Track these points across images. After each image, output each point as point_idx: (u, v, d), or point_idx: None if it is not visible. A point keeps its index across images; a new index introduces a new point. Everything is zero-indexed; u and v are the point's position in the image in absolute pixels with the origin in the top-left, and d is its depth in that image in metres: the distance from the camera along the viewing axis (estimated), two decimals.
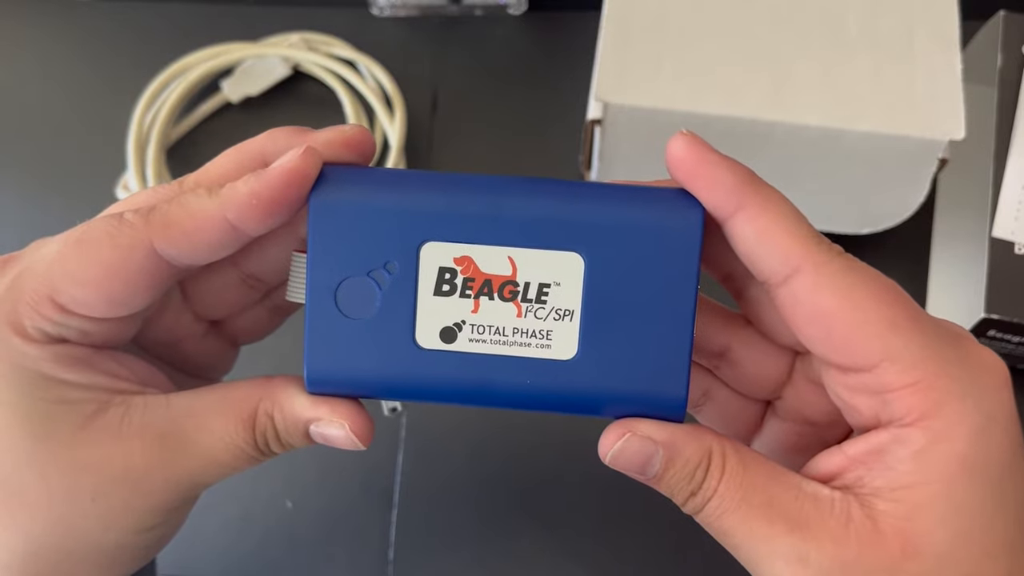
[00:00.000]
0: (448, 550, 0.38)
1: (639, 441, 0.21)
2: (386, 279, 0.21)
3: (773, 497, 0.20)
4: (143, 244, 0.21)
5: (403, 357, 0.22)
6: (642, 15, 0.37)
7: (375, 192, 0.22)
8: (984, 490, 0.19)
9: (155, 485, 0.22)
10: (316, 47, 0.46)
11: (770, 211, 0.20)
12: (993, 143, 0.37)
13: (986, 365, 0.20)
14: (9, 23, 0.49)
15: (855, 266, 0.20)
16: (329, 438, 0.23)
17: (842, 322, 0.20)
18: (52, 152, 0.46)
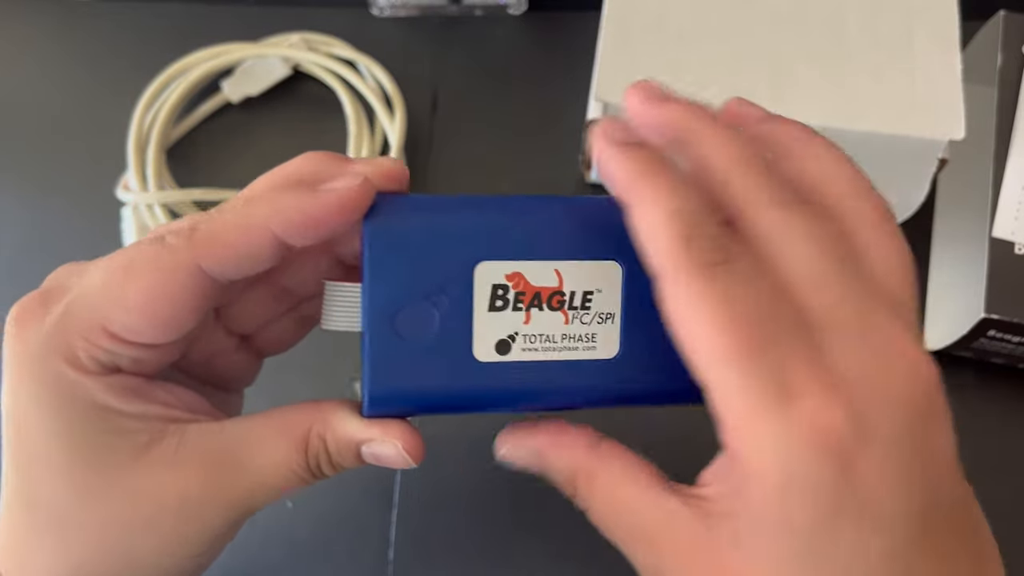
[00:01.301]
0: (448, 550, 0.38)
1: (516, 448, 0.24)
2: (444, 301, 0.22)
3: (636, 509, 0.22)
4: (188, 264, 0.21)
5: (463, 372, 0.23)
6: (642, 15, 0.37)
7: (427, 218, 0.22)
8: (784, 552, 0.19)
9: (209, 512, 0.22)
10: (316, 47, 0.46)
11: (648, 210, 0.19)
12: (993, 143, 0.37)
13: (811, 424, 0.18)
14: (9, 23, 0.49)
15: (706, 283, 0.19)
16: (381, 457, 0.23)
17: (681, 337, 0.19)
18: (52, 152, 0.46)
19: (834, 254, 0.19)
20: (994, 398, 0.39)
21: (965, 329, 0.36)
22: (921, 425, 0.19)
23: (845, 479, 0.18)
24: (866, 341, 0.19)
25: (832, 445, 0.18)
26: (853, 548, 0.18)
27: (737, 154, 0.20)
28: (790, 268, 0.19)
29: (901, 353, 0.19)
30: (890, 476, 0.18)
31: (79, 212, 0.44)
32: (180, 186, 0.44)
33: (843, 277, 0.19)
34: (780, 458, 0.18)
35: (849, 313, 0.19)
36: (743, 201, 0.20)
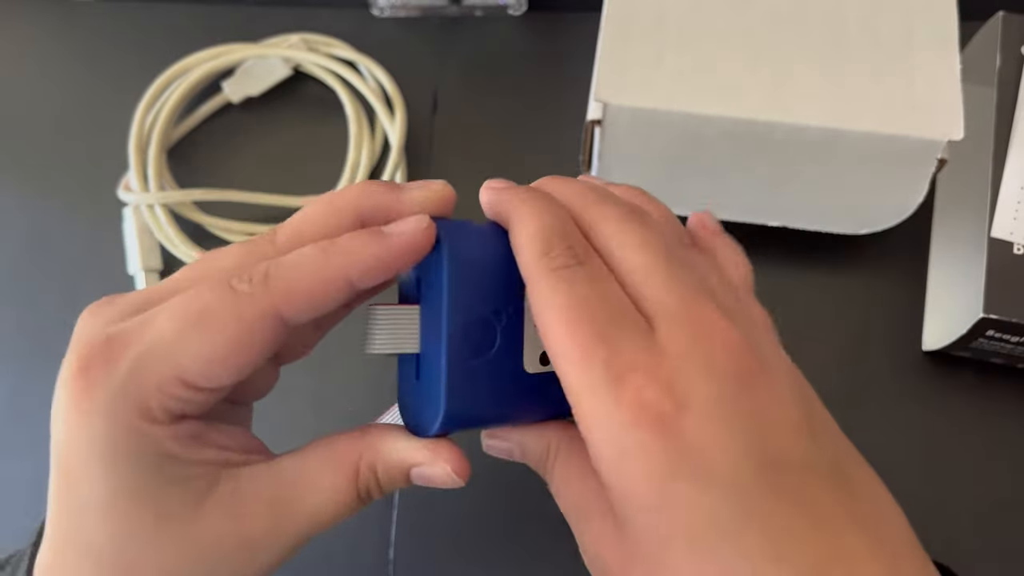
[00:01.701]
0: (448, 550, 0.38)
1: (499, 440, 0.26)
2: (503, 317, 0.23)
3: (576, 488, 0.23)
4: (268, 314, 0.22)
5: (516, 384, 0.24)
6: (642, 16, 0.37)
7: (486, 242, 0.24)
8: (642, 524, 0.20)
9: (266, 550, 0.23)
10: (317, 48, 0.46)
11: (517, 230, 0.23)
12: (992, 143, 0.37)
13: (635, 400, 0.20)
14: (10, 23, 0.49)
15: (556, 284, 0.21)
16: (431, 478, 0.24)
17: (543, 340, 0.21)
18: (53, 153, 0.46)
19: (663, 257, 0.22)
20: (993, 398, 0.39)
21: (964, 329, 0.36)
22: (741, 391, 0.20)
23: (672, 444, 0.19)
24: (686, 324, 0.21)
25: (654, 415, 0.20)
26: (695, 508, 0.19)
27: (581, 188, 0.24)
28: (628, 268, 0.22)
29: (717, 331, 0.21)
30: (716, 435, 0.20)
31: (80, 212, 0.44)
32: (181, 186, 0.44)
33: (669, 274, 0.22)
34: (613, 435, 0.20)
35: (673, 301, 0.21)
36: (590, 220, 0.23)
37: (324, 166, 0.44)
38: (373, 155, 0.44)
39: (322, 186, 0.43)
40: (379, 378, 0.40)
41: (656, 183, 0.39)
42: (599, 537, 0.22)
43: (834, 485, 0.20)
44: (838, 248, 0.41)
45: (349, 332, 0.27)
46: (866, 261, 0.42)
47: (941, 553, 0.23)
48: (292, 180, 0.44)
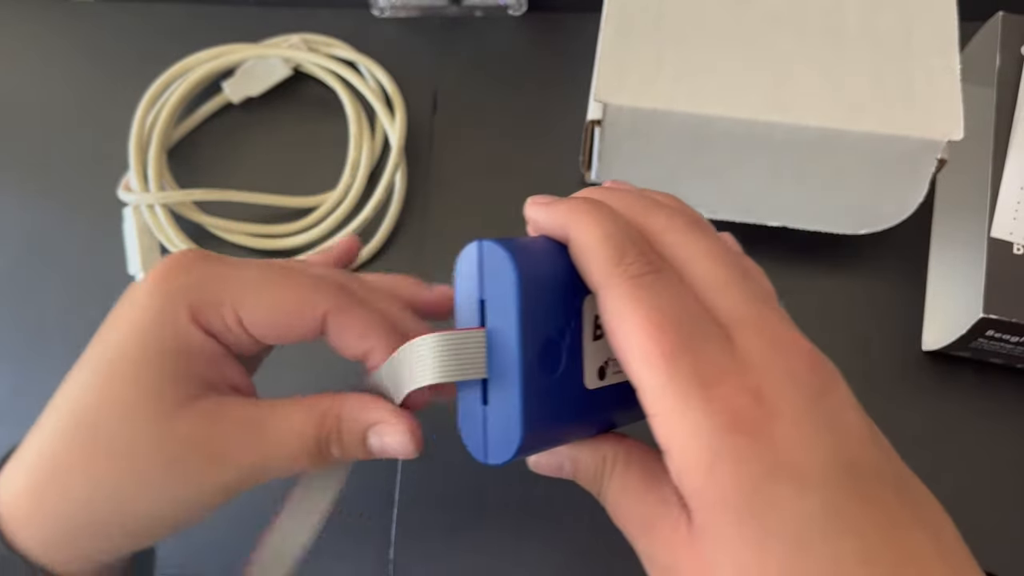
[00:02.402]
0: (448, 549, 0.38)
1: (548, 455, 0.26)
2: (566, 335, 0.23)
3: (638, 499, 0.23)
4: (323, 310, 0.26)
5: (581, 401, 0.23)
6: (641, 16, 0.37)
7: (548, 260, 0.23)
8: (731, 529, 0.20)
9: (228, 464, 0.25)
10: (317, 48, 0.46)
11: (583, 236, 0.23)
12: (992, 143, 0.37)
13: (725, 407, 0.20)
14: (10, 23, 0.49)
15: (636, 292, 0.21)
16: (386, 443, 0.27)
17: (616, 344, 0.22)
18: (53, 153, 0.46)
19: (732, 268, 0.23)
20: (992, 398, 0.39)
21: (964, 329, 0.36)
22: (820, 399, 0.21)
23: (762, 448, 0.20)
24: (763, 334, 0.21)
25: (745, 421, 0.20)
26: (791, 511, 0.20)
27: (633, 197, 0.24)
28: (699, 278, 0.22)
29: (792, 342, 0.22)
30: (803, 440, 0.20)
31: (80, 212, 0.44)
32: (181, 186, 0.44)
33: (742, 286, 0.22)
34: (703, 441, 0.20)
35: (750, 313, 0.22)
36: (653, 230, 0.23)
37: (324, 166, 0.44)
38: (373, 155, 0.44)
39: (322, 186, 0.43)
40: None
41: (656, 183, 0.39)
42: (671, 545, 0.22)
43: (898, 489, 0.21)
44: (838, 248, 0.41)
45: None
46: (866, 261, 0.42)
47: None
48: (292, 180, 0.44)
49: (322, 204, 0.43)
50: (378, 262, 0.43)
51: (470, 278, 0.23)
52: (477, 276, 0.23)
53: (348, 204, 0.42)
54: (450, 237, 0.43)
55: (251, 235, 0.42)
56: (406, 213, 0.44)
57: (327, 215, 0.43)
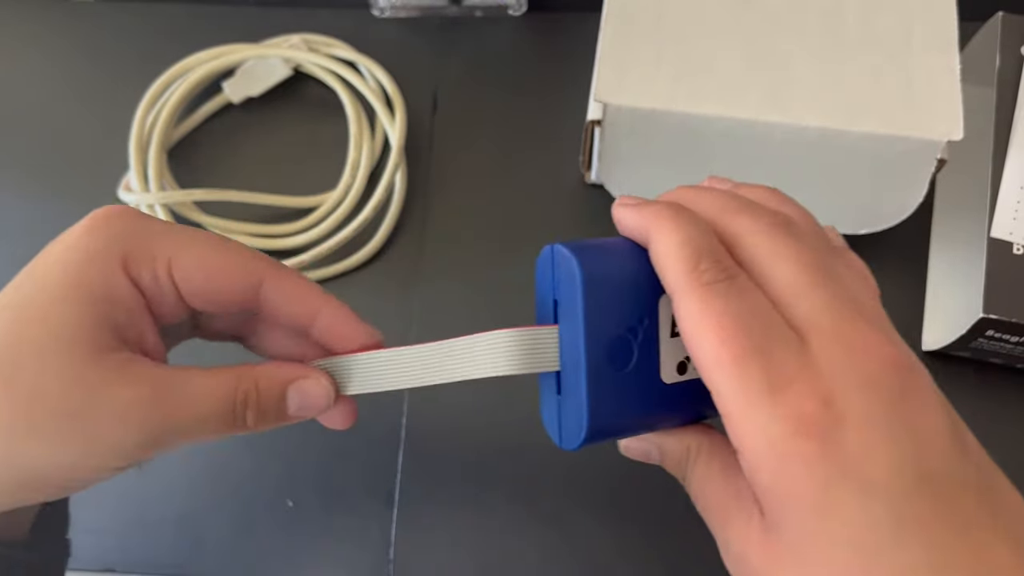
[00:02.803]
0: (448, 549, 0.38)
1: (637, 441, 0.27)
2: (639, 332, 0.24)
3: (717, 489, 0.24)
4: (258, 279, 0.26)
5: (655, 394, 0.25)
6: (641, 16, 0.37)
7: (620, 261, 0.24)
8: (801, 528, 0.21)
9: (131, 424, 0.24)
10: (317, 48, 0.46)
11: (662, 241, 0.23)
12: (991, 144, 0.37)
13: (792, 411, 0.21)
14: (10, 23, 0.49)
15: (708, 298, 0.22)
16: (308, 394, 0.27)
17: (691, 348, 0.22)
18: (54, 153, 0.46)
19: (816, 272, 0.23)
20: (992, 398, 0.39)
21: (963, 329, 0.36)
22: (895, 404, 0.21)
23: (829, 454, 0.20)
24: (840, 339, 0.21)
25: (812, 426, 0.20)
26: (856, 515, 0.20)
27: (721, 197, 0.25)
28: (778, 283, 0.23)
29: (871, 346, 0.21)
30: (873, 446, 0.20)
31: (81, 212, 0.43)
32: (181, 186, 0.44)
33: (824, 290, 0.22)
34: (771, 444, 0.21)
35: (828, 319, 0.22)
36: (735, 233, 0.23)
37: (324, 166, 0.44)
38: (373, 155, 0.44)
39: (322, 186, 0.44)
40: None
41: (656, 183, 0.39)
42: (745, 537, 0.22)
43: (980, 497, 0.21)
44: None
45: None
46: (866, 261, 0.41)
47: None
48: (292, 180, 0.44)
49: (322, 204, 0.43)
50: (378, 262, 0.43)
51: (545, 279, 0.25)
52: (551, 278, 0.25)
53: (348, 204, 0.42)
54: (450, 237, 0.43)
55: (251, 235, 0.42)
56: (406, 213, 0.44)
57: (327, 215, 0.43)
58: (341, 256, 0.42)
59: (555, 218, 0.43)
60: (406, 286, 0.42)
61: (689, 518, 0.26)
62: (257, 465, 0.39)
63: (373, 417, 0.40)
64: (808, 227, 0.25)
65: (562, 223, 0.43)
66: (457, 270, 0.42)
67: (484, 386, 0.40)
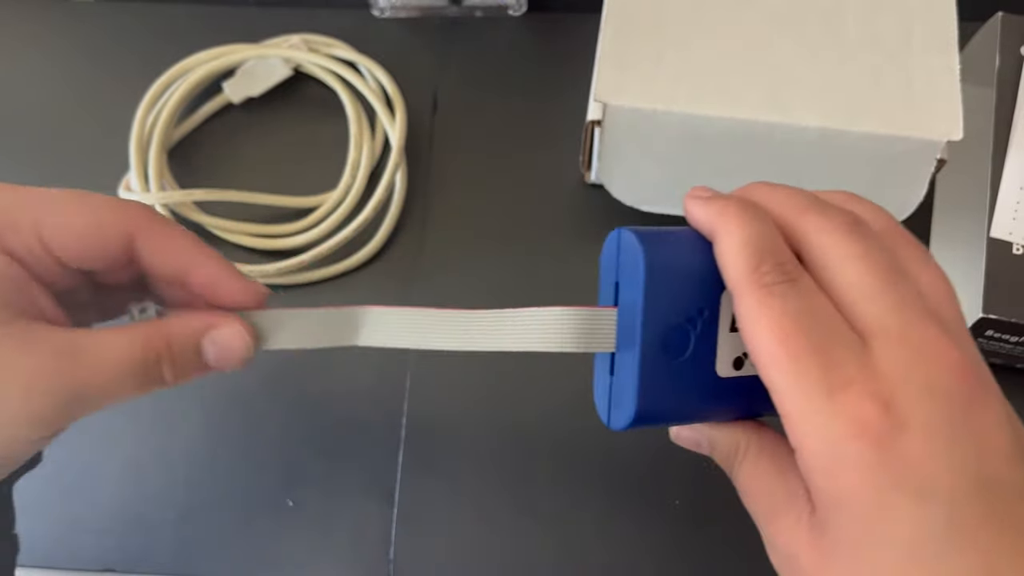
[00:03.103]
0: (448, 549, 0.38)
1: (689, 431, 0.27)
2: (698, 323, 0.24)
3: (765, 486, 0.24)
4: (125, 227, 0.25)
5: (708, 386, 0.25)
6: (641, 16, 0.37)
7: (685, 251, 0.25)
8: (852, 531, 0.21)
9: (38, 392, 0.23)
10: (317, 48, 0.46)
11: (726, 241, 0.23)
12: (991, 144, 0.37)
13: (850, 413, 0.21)
14: (10, 23, 0.49)
15: (767, 299, 0.22)
16: (223, 348, 0.26)
17: (749, 348, 0.22)
18: (54, 153, 0.46)
19: (885, 275, 0.22)
20: None
21: None
22: (958, 412, 0.21)
23: (887, 458, 0.20)
24: (907, 344, 0.21)
25: (870, 431, 0.20)
26: (910, 521, 0.20)
27: (792, 194, 0.24)
28: (846, 286, 0.22)
29: (938, 352, 0.21)
30: (935, 455, 0.20)
31: None
32: (181, 186, 0.44)
33: (892, 294, 0.22)
34: (828, 444, 0.21)
35: (895, 322, 0.22)
36: (805, 231, 0.23)
37: (324, 166, 0.44)
38: (373, 155, 0.44)
39: (322, 186, 0.44)
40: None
41: (656, 183, 0.39)
42: (793, 537, 0.23)
43: None
44: None
45: None
46: None
47: None
48: (292, 180, 0.44)
49: (322, 204, 0.43)
50: (378, 262, 0.43)
51: (610, 262, 0.25)
52: (615, 261, 0.25)
53: (348, 204, 0.43)
54: (450, 237, 0.43)
55: (251, 235, 0.42)
56: (406, 213, 0.44)
57: (327, 215, 0.43)
58: (341, 256, 0.42)
59: (555, 218, 0.43)
60: (406, 286, 0.42)
61: (690, 518, 0.26)
62: (257, 465, 0.39)
63: (373, 417, 0.40)
64: (883, 227, 0.24)
65: (562, 223, 0.43)
66: (457, 270, 0.42)
67: (484, 386, 0.40)
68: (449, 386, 0.40)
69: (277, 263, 0.41)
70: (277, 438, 0.40)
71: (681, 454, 0.29)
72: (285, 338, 0.27)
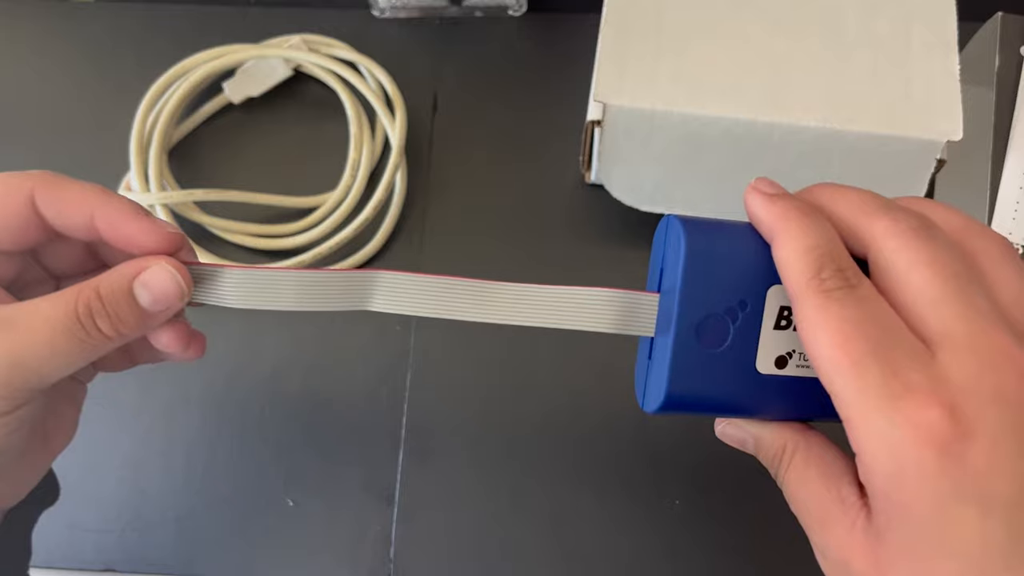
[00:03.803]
0: (448, 548, 0.38)
1: (735, 428, 0.27)
2: (739, 316, 0.24)
3: (815, 492, 0.24)
4: (26, 194, 0.25)
5: (746, 381, 0.25)
6: (641, 16, 0.37)
7: (730, 242, 0.25)
8: (911, 539, 0.21)
9: None
10: (317, 48, 0.46)
11: (786, 246, 0.23)
12: (991, 144, 0.37)
13: (914, 420, 0.20)
14: (10, 23, 0.49)
15: (827, 305, 0.22)
16: (155, 289, 0.24)
17: (810, 353, 0.22)
18: (54, 153, 0.46)
19: (954, 280, 0.22)
20: None
21: None
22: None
23: (951, 467, 0.20)
24: (974, 351, 0.21)
25: (934, 438, 0.20)
26: (972, 532, 0.20)
27: (859, 196, 0.24)
28: (913, 291, 0.22)
29: (1007, 359, 0.21)
30: (1000, 466, 0.20)
31: None
32: (182, 186, 0.44)
33: (960, 300, 0.21)
34: (890, 450, 0.20)
35: (962, 329, 0.21)
36: (872, 235, 0.23)
37: (325, 166, 0.44)
38: (373, 155, 0.44)
39: (323, 186, 0.44)
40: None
41: (655, 184, 0.39)
42: (847, 543, 0.22)
43: None
44: None
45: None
46: None
47: None
48: (292, 180, 0.44)
49: (322, 204, 0.43)
50: (378, 262, 0.43)
51: (657, 248, 0.26)
52: (662, 247, 0.25)
53: (348, 204, 0.43)
54: (450, 237, 0.43)
55: (251, 235, 0.42)
56: (406, 213, 0.44)
57: (327, 215, 0.43)
58: (342, 256, 0.42)
59: (555, 218, 0.43)
60: None
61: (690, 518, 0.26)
62: (257, 465, 0.39)
63: (373, 417, 0.40)
64: (956, 227, 0.24)
65: (562, 223, 0.43)
66: (457, 270, 0.42)
67: (484, 387, 0.40)
68: (449, 386, 0.40)
69: (277, 263, 0.41)
70: (277, 438, 0.40)
71: (681, 454, 0.29)
72: (234, 294, 0.25)
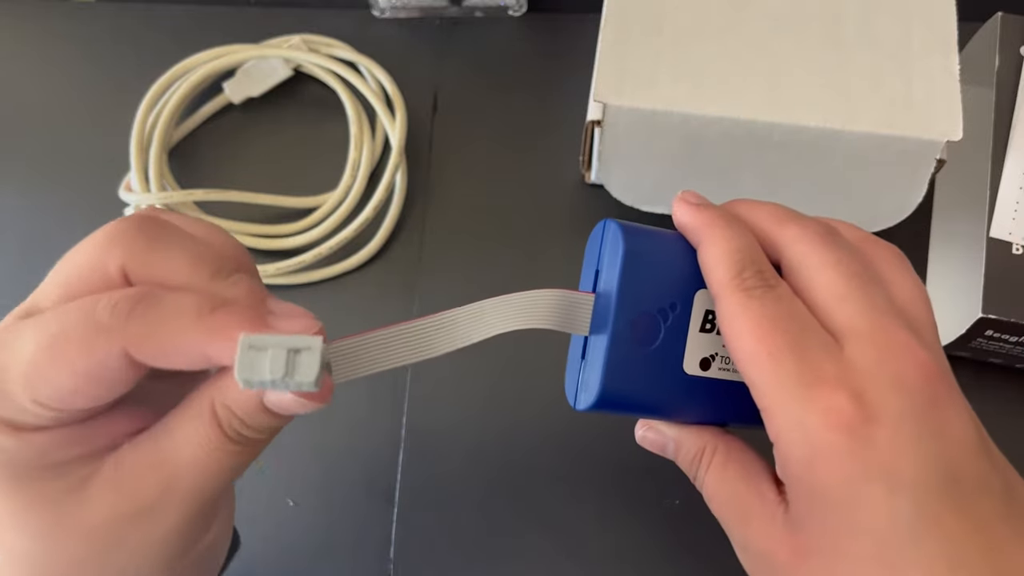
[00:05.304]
0: (449, 549, 0.38)
1: (655, 433, 0.28)
2: (669, 317, 0.26)
3: (735, 490, 0.25)
4: (118, 352, 0.20)
5: (673, 381, 0.26)
6: (641, 16, 0.37)
7: (664, 247, 0.26)
8: (826, 523, 0.22)
9: (163, 512, 0.22)
10: (317, 48, 0.46)
11: (710, 249, 0.25)
12: (990, 144, 0.37)
13: (824, 406, 0.22)
14: (10, 23, 0.49)
15: (748, 302, 0.23)
16: (282, 404, 0.22)
17: (730, 348, 0.24)
18: (54, 154, 0.46)
19: (856, 279, 0.24)
20: (991, 398, 0.39)
21: (963, 329, 0.36)
22: (927, 408, 0.22)
23: (859, 448, 0.21)
24: (876, 342, 0.23)
25: (842, 422, 0.21)
26: (881, 510, 0.21)
27: (773, 208, 0.26)
28: (821, 290, 0.24)
29: (905, 351, 0.23)
30: (903, 447, 0.21)
31: (81, 213, 0.44)
32: (182, 187, 0.44)
33: (863, 297, 0.23)
34: (804, 435, 0.22)
35: (865, 323, 0.23)
36: (785, 242, 0.25)
37: (325, 166, 0.44)
38: (373, 155, 0.44)
39: (323, 186, 0.44)
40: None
41: (655, 184, 0.39)
42: (767, 536, 0.24)
43: (1005, 505, 0.22)
44: None
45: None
46: None
47: None
48: (293, 180, 0.44)
49: (323, 204, 0.43)
50: (378, 262, 0.43)
51: (593, 250, 0.27)
52: (598, 249, 0.26)
53: (348, 204, 0.43)
54: (450, 237, 0.43)
55: (251, 235, 0.42)
56: (406, 213, 0.44)
57: (328, 215, 0.43)
58: (342, 256, 0.42)
59: (555, 218, 0.43)
60: (406, 286, 0.42)
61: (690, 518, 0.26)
62: (257, 465, 0.39)
63: (373, 417, 0.40)
64: (857, 237, 0.26)
65: (562, 223, 0.43)
66: (457, 270, 0.42)
67: (484, 387, 0.40)
68: (449, 386, 0.40)
69: (277, 263, 0.41)
70: (277, 438, 0.40)
71: None
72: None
